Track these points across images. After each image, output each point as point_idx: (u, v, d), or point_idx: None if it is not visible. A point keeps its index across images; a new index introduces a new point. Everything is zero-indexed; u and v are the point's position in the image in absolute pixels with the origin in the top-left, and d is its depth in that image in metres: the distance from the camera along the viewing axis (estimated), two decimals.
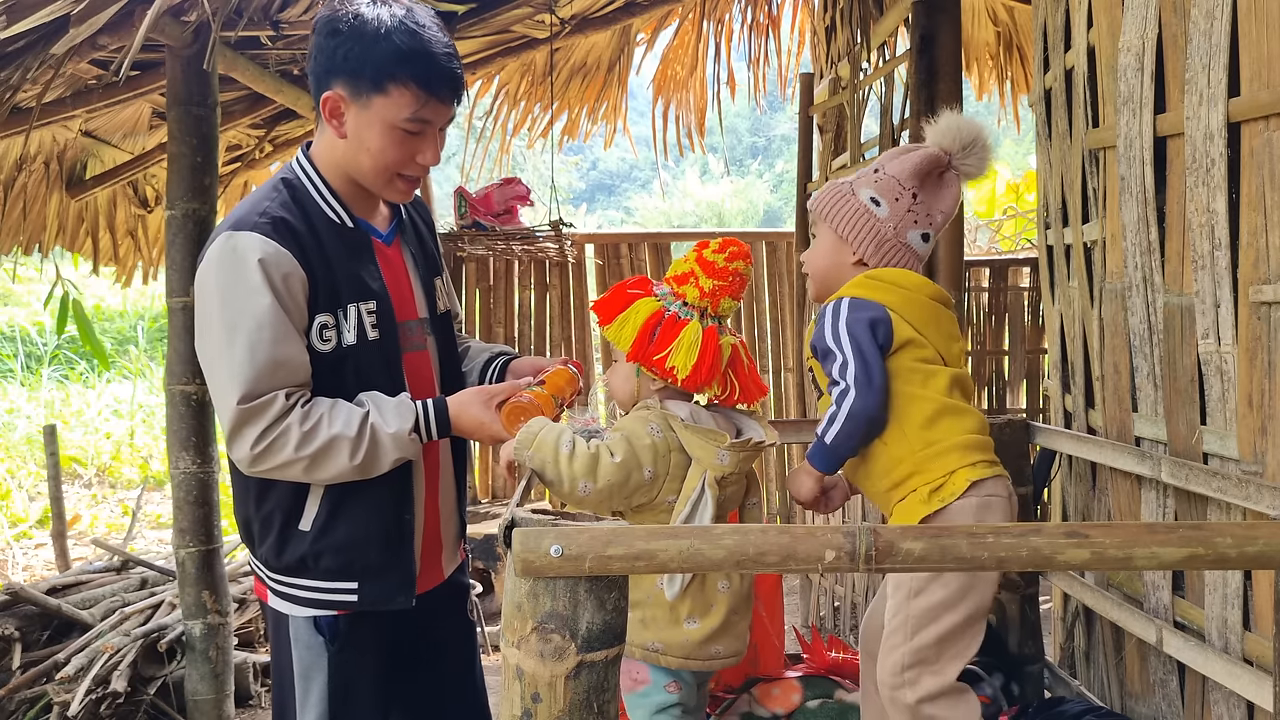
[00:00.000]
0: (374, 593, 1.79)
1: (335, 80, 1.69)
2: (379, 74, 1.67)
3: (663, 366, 1.78)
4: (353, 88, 1.69)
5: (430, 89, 1.69)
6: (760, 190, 24.93)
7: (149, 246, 5.18)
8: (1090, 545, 1.14)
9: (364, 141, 1.71)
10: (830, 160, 4.81)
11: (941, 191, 1.92)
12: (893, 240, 1.88)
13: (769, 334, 6.17)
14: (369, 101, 1.68)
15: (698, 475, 1.77)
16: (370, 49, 1.66)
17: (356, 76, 1.68)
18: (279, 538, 1.77)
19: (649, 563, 1.14)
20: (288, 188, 1.75)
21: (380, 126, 1.70)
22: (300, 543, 1.76)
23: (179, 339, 3.18)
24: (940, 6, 3.56)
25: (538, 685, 1.16)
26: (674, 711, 1.86)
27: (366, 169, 1.74)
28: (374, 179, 1.76)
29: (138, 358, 10.94)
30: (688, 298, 1.82)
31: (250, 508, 1.81)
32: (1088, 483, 2.35)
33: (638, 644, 1.81)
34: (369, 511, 1.77)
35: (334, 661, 1.80)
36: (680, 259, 1.90)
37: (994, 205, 9.41)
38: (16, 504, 7.05)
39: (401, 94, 1.68)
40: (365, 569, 1.78)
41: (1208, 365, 1.83)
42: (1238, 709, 1.81)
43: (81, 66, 3.34)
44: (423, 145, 1.75)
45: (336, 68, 1.68)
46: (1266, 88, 1.65)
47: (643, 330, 1.80)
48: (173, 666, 3.55)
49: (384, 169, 1.74)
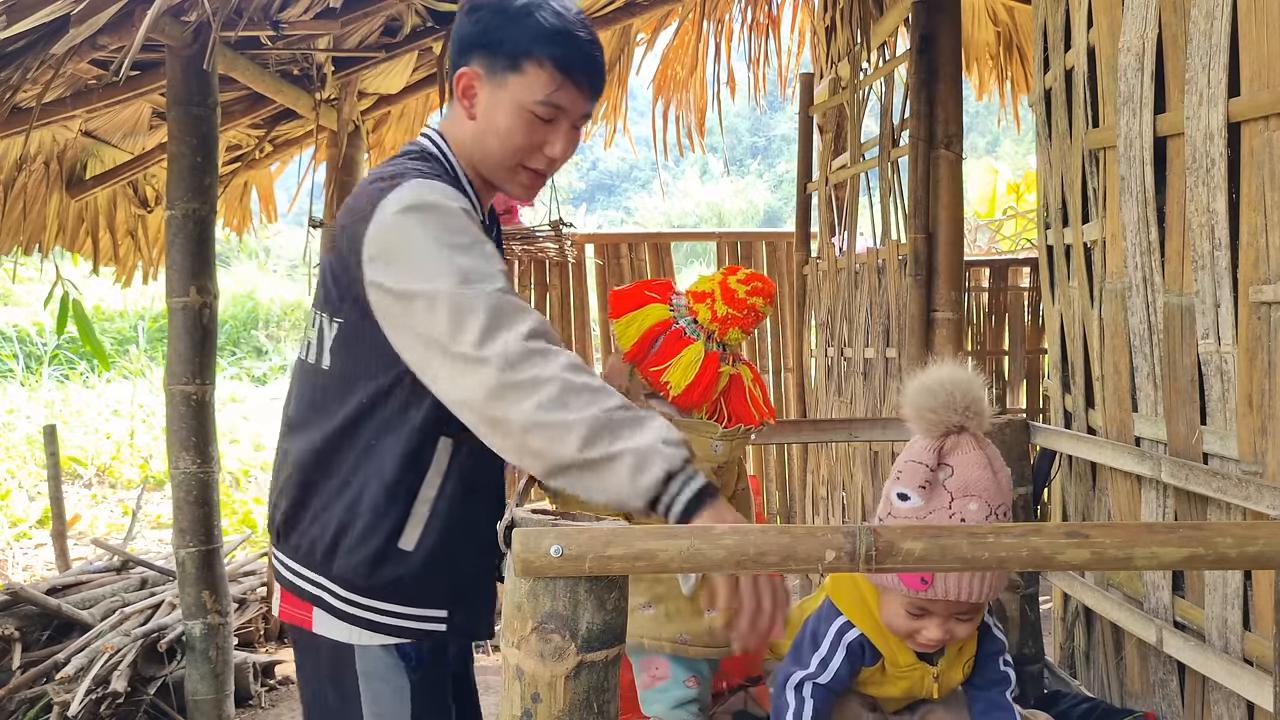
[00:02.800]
0: (464, 620, 1.64)
1: (472, 56, 1.61)
2: (517, 50, 1.58)
3: (657, 378, 1.80)
4: (488, 64, 1.60)
5: (568, 71, 1.60)
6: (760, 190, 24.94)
7: (149, 246, 5.18)
8: (1090, 545, 1.14)
9: (493, 122, 1.62)
10: (830, 160, 4.81)
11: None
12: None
13: (769, 334, 6.17)
14: (503, 80, 1.60)
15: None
16: (511, 24, 1.59)
17: (493, 52, 1.60)
18: (378, 553, 1.57)
19: (649, 563, 1.14)
20: (437, 164, 1.65)
21: (511, 106, 1.60)
22: (400, 563, 1.57)
23: (179, 339, 3.18)
24: (940, 6, 3.56)
25: (538, 685, 1.16)
26: (691, 707, 1.87)
27: (493, 154, 1.64)
28: (498, 166, 1.66)
29: (138, 358, 10.95)
30: (699, 317, 1.84)
31: (352, 511, 1.58)
32: (1088, 483, 2.35)
33: (666, 638, 1.83)
34: (470, 532, 1.62)
35: (416, 690, 1.62)
36: (706, 275, 1.91)
37: (994, 205, 9.42)
38: (16, 504, 7.05)
39: (537, 73, 1.59)
40: (461, 595, 1.63)
41: (1208, 365, 1.83)
42: (1238, 709, 1.81)
43: (81, 66, 3.34)
44: (552, 135, 1.64)
45: (475, 42, 1.61)
46: (1266, 88, 1.65)
47: (646, 335, 1.81)
48: (173, 666, 3.55)
49: (510, 154, 1.64)
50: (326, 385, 1.61)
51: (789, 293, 5.97)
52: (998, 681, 1.77)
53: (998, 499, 1.56)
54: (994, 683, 1.78)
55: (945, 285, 3.57)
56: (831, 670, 1.68)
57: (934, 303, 3.58)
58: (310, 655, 1.67)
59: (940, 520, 1.55)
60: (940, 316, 3.57)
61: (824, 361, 4.75)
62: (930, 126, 3.55)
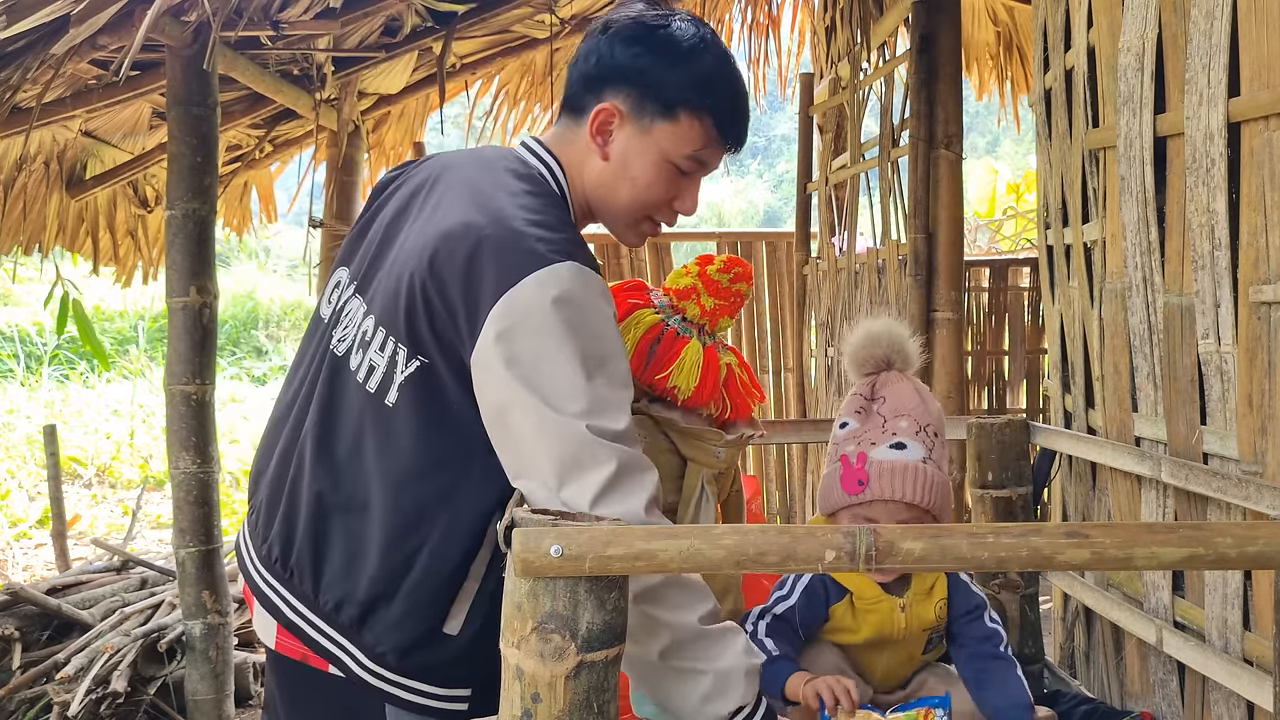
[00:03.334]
0: (483, 700, 1.47)
1: (616, 91, 1.46)
2: (675, 98, 1.45)
3: (664, 385, 1.74)
4: (636, 105, 1.46)
5: (723, 129, 1.49)
6: (760, 190, 24.93)
7: (149, 246, 5.17)
8: (1090, 545, 1.14)
9: (630, 169, 1.48)
10: (830, 160, 4.81)
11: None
12: None
13: (769, 334, 6.16)
14: (651, 125, 1.46)
15: (696, 475, 1.77)
16: (675, 67, 1.45)
17: (646, 94, 1.45)
18: (419, 638, 1.40)
19: (649, 563, 1.14)
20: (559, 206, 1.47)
21: (655, 157, 1.47)
22: (441, 648, 1.41)
23: (179, 339, 3.18)
24: (940, 6, 3.56)
25: (538, 685, 1.16)
26: None
27: (622, 201, 1.51)
28: (624, 215, 1.53)
29: (138, 358, 10.94)
30: (687, 314, 1.80)
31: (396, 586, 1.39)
32: (1088, 483, 2.35)
33: None
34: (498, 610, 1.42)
35: None
36: (680, 270, 1.86)
37: (994, 205, 9.42)
38: (16, 504, 7.05)
39: (692, 125, 1.46)
40: (487, 677, 1.40)
41: (1208, 365, 1.83)
42: (1238, 709, 1.81)
43: (81, 66, 3.34)
44: (686, 190, 1.53)
45: (625, 76, 1.45)
46: (1266, 88, 1.65)
47: (641, 344, 1.75)
48: (173, 666, 3.54)
49: (641, 207, 1.52)
50: (392, 430, 1.39)
51: (789, 293, 5.97)
52: (987, 638, 1.80)
53: (926, 418, 1.75)
54: (983, 639, 1.80)
55: (945, 285, 3.57)
56: (788, 603, 1.76)
57: (934, 303, 3.58)
58: (319, 689, 1.48)
59: (875, 435, 1.74)
60: (940, 316, 3.57)
61: (824, 361, 4.75)
62: (930, 126, 3.55)
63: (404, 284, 1.39)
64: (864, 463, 1.72)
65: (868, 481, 1.70)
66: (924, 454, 1.72)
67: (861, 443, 1.75)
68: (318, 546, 1.44)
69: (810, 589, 1.77)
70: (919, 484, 1.69)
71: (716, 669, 1.31)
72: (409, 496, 1.39)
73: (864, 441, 1.74)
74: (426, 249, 1.38)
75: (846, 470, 1.74)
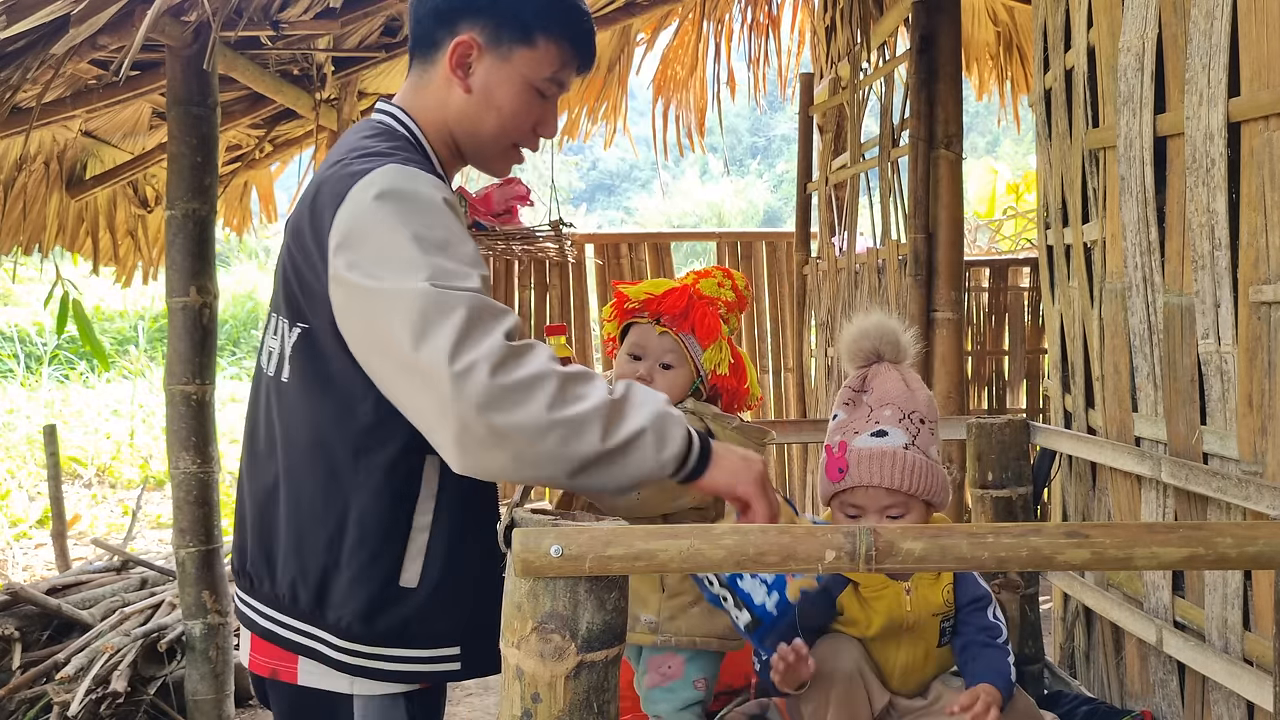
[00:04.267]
0: (478, 656, 1.45)
1: (470, 23, 1.49)
2: (531, 23, 1.49)
3: (747, 396, 1.91)
4: (493, 34, 1.49)
5: (578, 49, 1.55)
6: (760, 190, 24.94)
7: (149, 246, 5.18)
8: (1090, 545, 1.14)
9: (494, 99, 1.51)
10: (830, 160, 4.81)
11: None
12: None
13: (769, 334, 6.17)
14: (510, 53, 1.49)
15: None
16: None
17: (502, 22, 1.49)
18: (377, 598, 1.39)
19: (649, 563, 1.14)
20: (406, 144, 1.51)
21: (518, 83, 1.51)
22: (405, 603, 1.39)
23: (179, 339, 3.18)
24: (940, 6, 3.56)
25: (538, 685, 1.16)
26: (696, 709, 1.87)
27: (489, 130, 1.53)
28: (492, 143, 1.56)
29: (138, 358, 10.95)
30: (730, 324, 1.91)
31: (336, 554, 1.39)
32: (1088, 483, 2.35)
33: (714, 634, 1.83)
34: (477, 557, 1.44)
35: None
36: (714, 281, 1.89)
37: (994, 205, 9.42)
38: (16, 504, 7.05)
39: (549, 49, 1.51)
40: (473, 629, 1.43)
41: (1208, 365, 1.83)
42: (1238, 709, 1.81)
43: (81, 66, 3.34)
44: (547, 114, 1.57)
45: (478, 8, 1.49)
46: (1266, 88, 1.65)
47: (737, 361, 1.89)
48: (173, 666, 3.55)
49: (509, 133, 1.55)
50: (290, 403, 1.42)
51: (789, 293, 5.97)
52: (986, 628, 1.81)
53: (910, 406, 1.77)
54: (981, 629, 1.81)
55: (945, 285, 3.57)
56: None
57: (934, 303, 3.58)
58: (294, 713, 1.47)
59: (857, 425, 1.77)
60: (940, 316, 3.57)
61: (824, 361, 4.75)
62: (930, 126, 3.55)
63: (280, 262, 1.47)
64: (844, 451, 1.76)
65: (848, 469, 1.74)
66: (906, 440, 1.74)
67: (845, 432, 1.79)
68: (265, 545, 1.45)
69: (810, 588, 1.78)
70: (897, 468, 1.71)
71: (649, 421, 1.29)
72: (322, 462, 1.39)
73: (848, 431, 1.79)
74: (288, 224, 1.47)
75: (830, 459, 1.79)
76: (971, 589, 1.84)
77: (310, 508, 1.40)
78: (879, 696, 1.75)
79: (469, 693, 4.00)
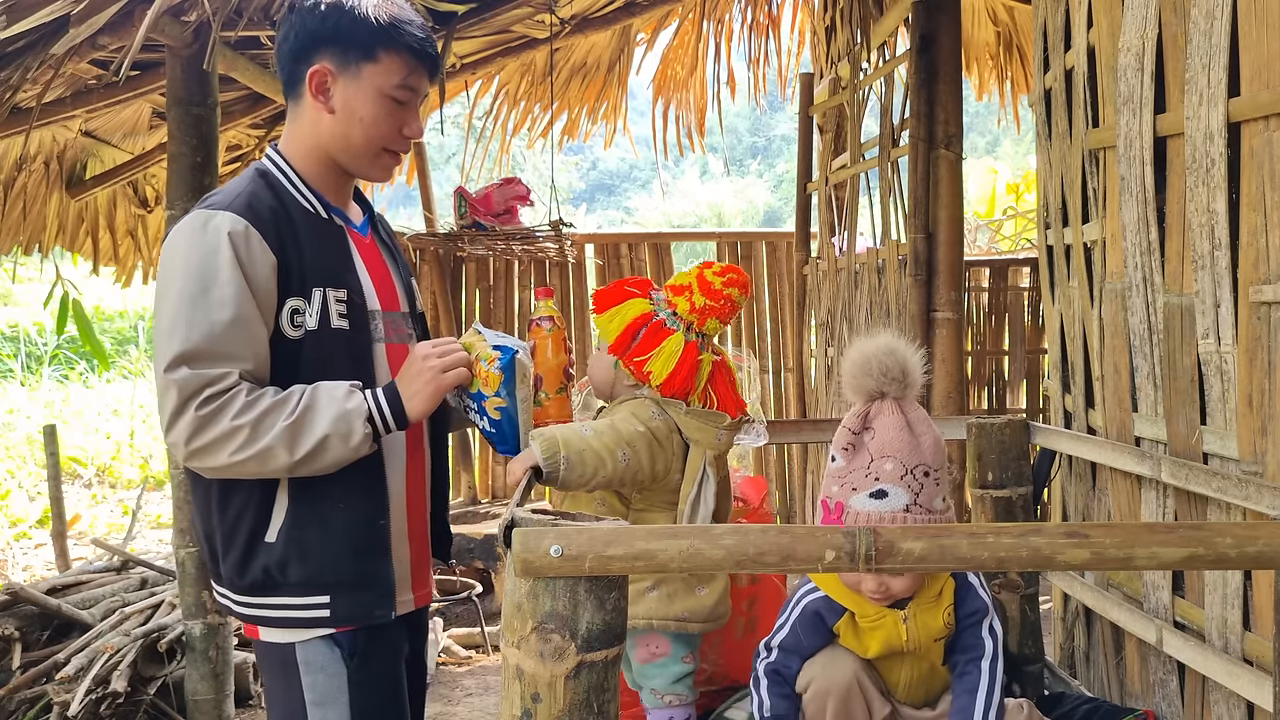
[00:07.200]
0: (347, 607, 1.65)
1: (320, 53, 1.68)
2: (370, 40, 1.67)
3: (640, 369, 1.91)
4: (340, 58, 1.68)
5: (418, 55, 1.71)
6: (760, 190, 24.95)
7: (149, 246, 5.18)
8: (1090, 545, 1.14)
9: (355, 113, 1.70)
10: (830, 160, 4.81)
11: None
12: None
13: (769, 334, 6.17)
14: (359, 70, 1.68)
15: (699, 456, 1.94)
16: (358, 17, 1.67)
17: (345, 46, 1.67)
18: (244, 552, 1.64)
19: (649, 562, 1.14)
20: (262, 177, 1.72)
21: (372, 94, 1.69)
22: (265, 554, 1.63)
23: None
24: (940, 6, 3.56)
25: (538, 685, 1.16)
26: (687, 681, 2.02)
27: (357, 142, 1.72)
28: (363, 153, 1.73)
29: (138, 358, 10.95)
30: (678, 309, 1.94)
31: (213, 518, 1.67)
32: (1088, 483, 2.35)
33: (670, 617, 1.95)
34: (339, 516, 1.65)
35: (354, 681, 1.66)
36: (685, 270, 1.99)
37: (994, 205, 9.42)
38: (16, 504, 7.05)
39: (392, 60, 1.68)
40: (338, 581, 1.65)
41: (1208, 365, 1.83)
42: (1238, 709, 1.81)
43: (81, 66, 3.34)
44: (408, 117, 1.74)
45: (322, 39, 1.67)
46: (1266, 88, 1.65)
47: (628, 328, 1.92)
48: (173, 666, 3.55)
49: (375, 141, 1.72)
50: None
51: (789, 293, 5.97)
52: (972, 647, 1.77)
53: (914, 459, 1.67)
54: (968, 648, 1.77)
55: (945, 285, 3.57)
56: (784, 631, 1.80)
57: (934, 303, 3.58)
58: (269, 664, 1.72)
59: (858, 479, 1.68)
60: (940, 316, 3.57)
61: (824, 361, 4.75)
62: (930, 126, 3.55)
63: None
64: (841, 513, 1.68)
65: (839, 515, 1.68)
66: (908, 500, 1.65)
67: (844, 487, 1.70)
68: (198, 514, 1.72)
69: (804, 619, 1.76)
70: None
71: (331, 427, 1.58)
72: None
73: (846, 486, 1.70)
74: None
75: (826, 518, 1.71)
76: (969, 603, 1.79)
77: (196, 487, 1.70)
78: (879, 707, 1.75)
79: (469, 693, 4.00)
